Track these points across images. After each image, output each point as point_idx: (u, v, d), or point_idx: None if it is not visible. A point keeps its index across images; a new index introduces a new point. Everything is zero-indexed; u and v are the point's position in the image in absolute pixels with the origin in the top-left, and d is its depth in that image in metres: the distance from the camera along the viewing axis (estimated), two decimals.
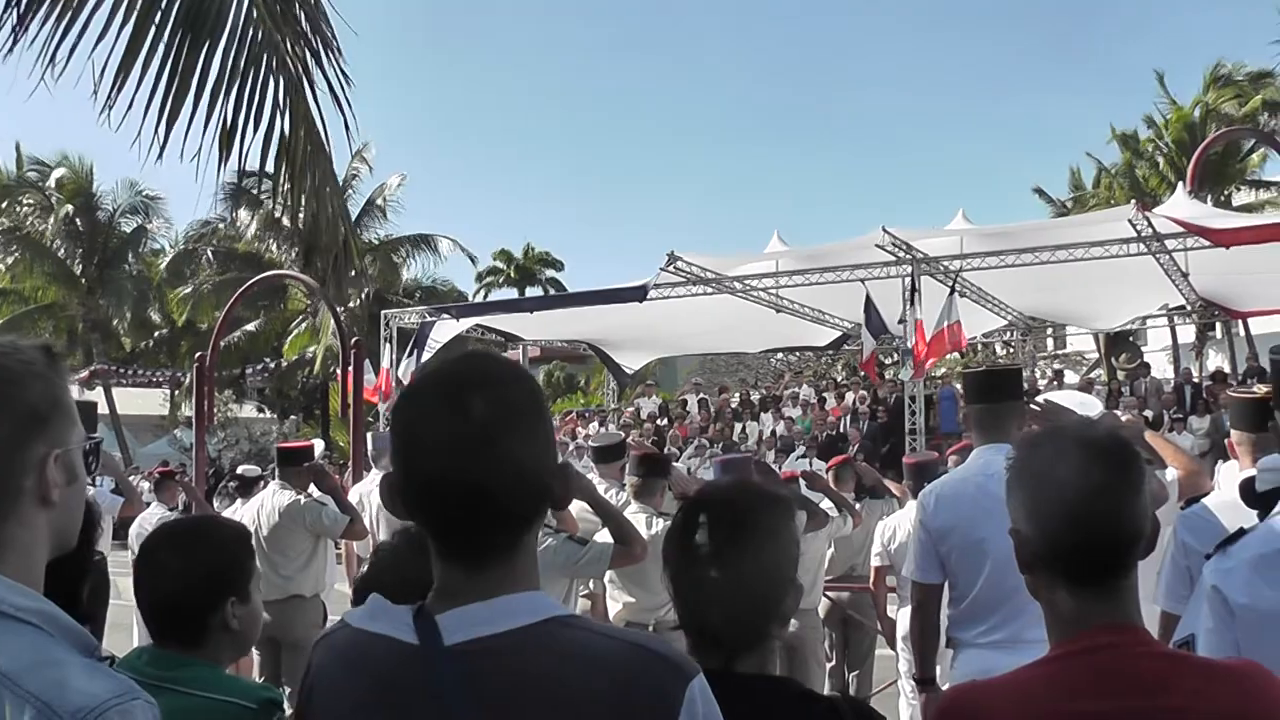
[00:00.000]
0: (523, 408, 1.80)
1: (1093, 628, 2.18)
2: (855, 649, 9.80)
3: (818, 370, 41.20)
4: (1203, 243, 19.33)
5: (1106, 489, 2.19)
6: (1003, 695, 2.24)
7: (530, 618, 1.72)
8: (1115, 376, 29.53)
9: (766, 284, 23.66)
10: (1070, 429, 2.34)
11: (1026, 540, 2.25)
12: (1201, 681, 2.16)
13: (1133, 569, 2.24)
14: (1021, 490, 2.27)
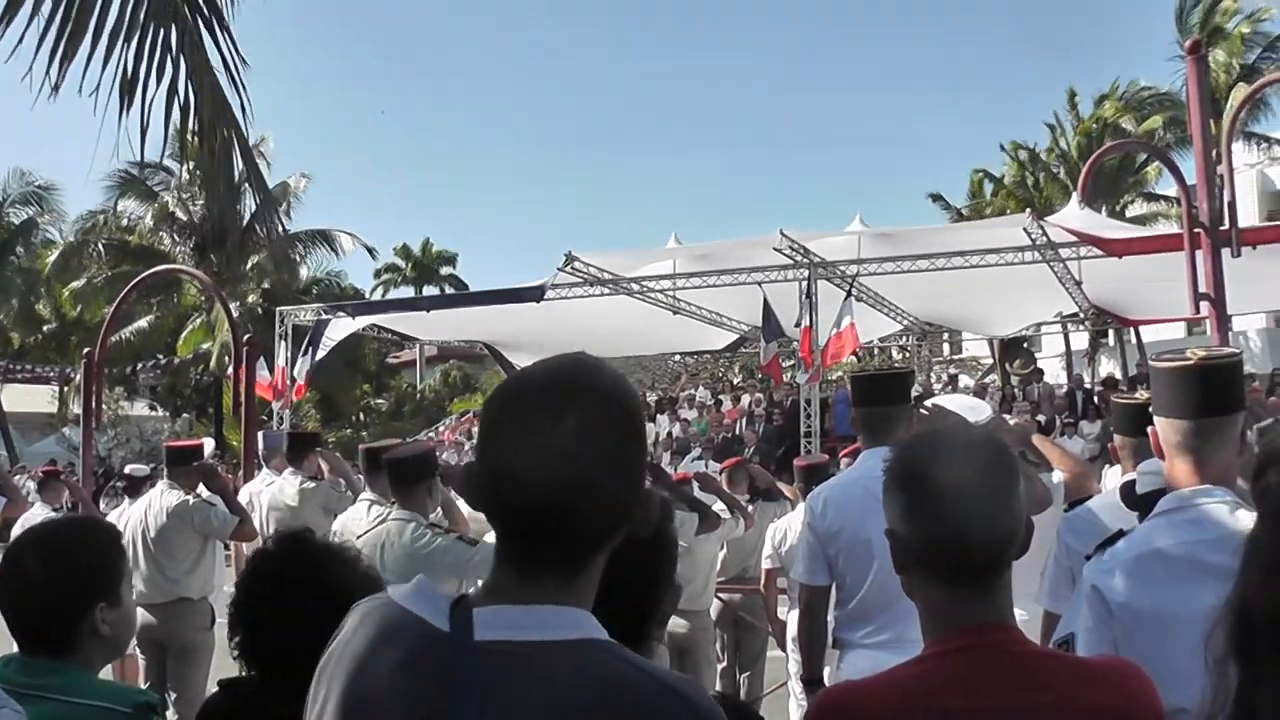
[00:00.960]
0: (620, 425, 1.72)
1: (967, 626, 2.20)
2: (746, 650, 9.82)
3: (715, 372, 41.34)
4: (1096, 252, 19.73)
5: (983, 490, 2.21)
6: (877, 693, 2.25)
7: (567, 634, 1.66)
8: (1009, 382, 29.95)
9: (664, 286, 23.69)
10: (947, 431, 2.36)
11: (903, 540, 2.27)
12: (1073, 679, 2.20)
13: (1007, 569, 2.27)
14: (899, 491, 2.28)
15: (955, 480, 2.20)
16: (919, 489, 2.23)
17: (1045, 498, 4.97)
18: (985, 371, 39.65)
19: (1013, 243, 20.31)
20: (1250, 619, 1.75)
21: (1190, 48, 7.28)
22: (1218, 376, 3.12)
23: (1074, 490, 5.34)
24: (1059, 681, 2.18)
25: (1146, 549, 3.01)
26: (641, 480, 1.78)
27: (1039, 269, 21.09)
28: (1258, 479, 1.86)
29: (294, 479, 9.93)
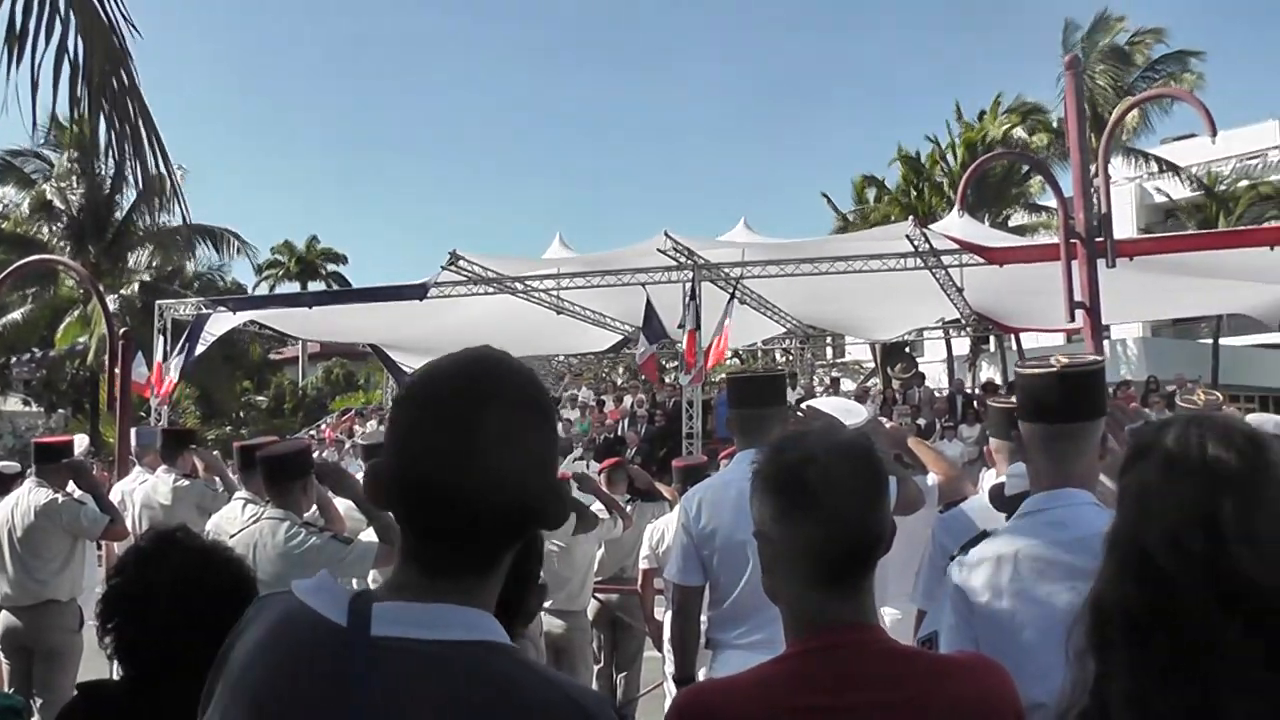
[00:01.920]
0: (535, 422, 1.71)
1: (830, 626, 2.21)
2: (623, 650, 9.84)
3: (599, 373, 41.35)
4: (977, 260, 20.04)
5: (854, 492, 2.23)
6: (740, 692, 2.26)
7: (468, 634, 1.64)
8: (890, 385, 30.28)
9: (548, 286, 23.64)
10: (815, 434, 2.37)
11: (773, 542, 2.27)
12: (931, 676, 2.23)
13: (873, 569, 2.28)
14: (770, 493, 2.29)
15: (827, 482, 2.21)
16: (791, 491, 2.23)
17: (919, 499, 5.03)
18: (867, 375, 40.09)
19: (896, 249, 20.55)
20: (1105, 613, 1.79)
21: (1068, 64, 7.43)
22: (1080, 383, 3.19)
23: (948, 492, 5.41)
24: (917, 679, 2.20)
25: (1008, 549, 3.07)
26: (555, 476, 1.78)
27: (921, 275, 21.39)
28: (1122, 475, 1.89)
29: (168, 477, 9.71)
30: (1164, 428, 1.89)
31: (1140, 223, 54.51)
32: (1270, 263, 19.51)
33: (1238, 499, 1.74)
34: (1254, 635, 1.66)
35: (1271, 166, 55.67)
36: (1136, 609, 1.73)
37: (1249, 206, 42.40)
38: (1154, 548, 1.74)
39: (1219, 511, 1.73)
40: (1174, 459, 1.81)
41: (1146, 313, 33.62)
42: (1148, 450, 1.86)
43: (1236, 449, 1.80)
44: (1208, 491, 1.75)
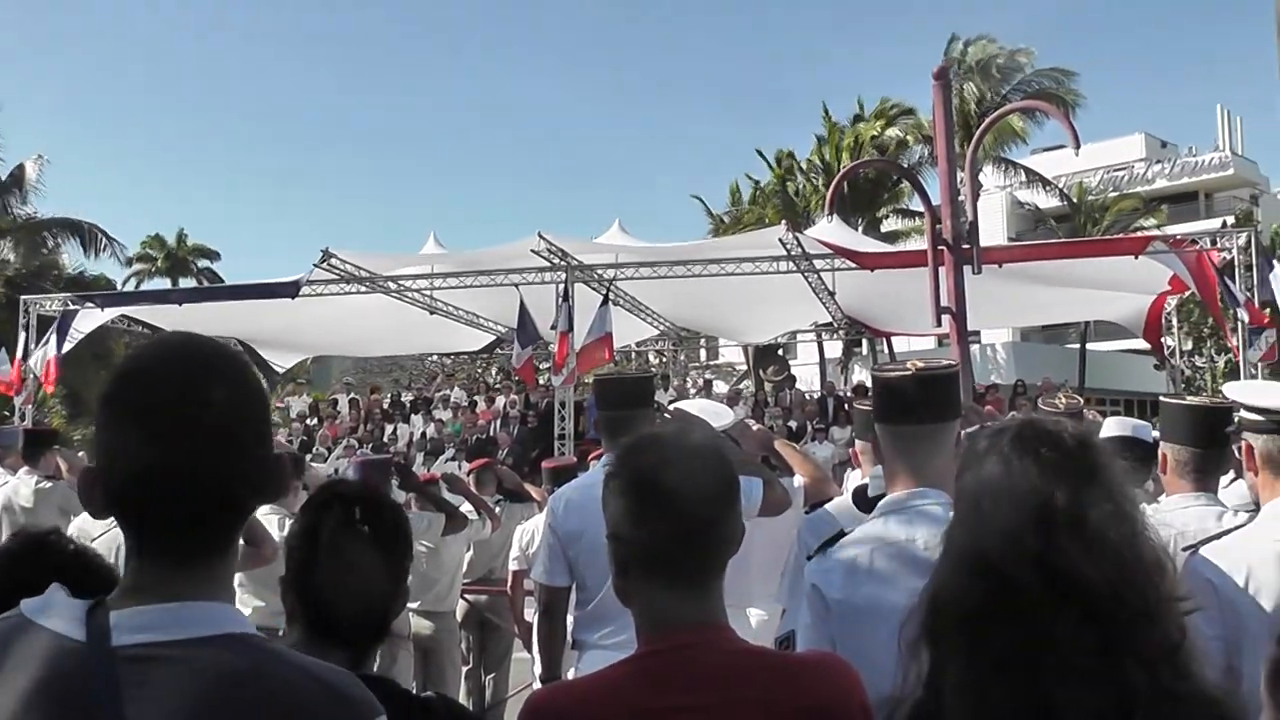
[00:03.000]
0: (249, 402, 1.70)
1: (680, 626, 2.24)
2: (492, 652, 9.81)
3: (472, 373, 41.17)
4: (849, 264, 20.27)
5: (709, 494, 2.26)
6: (590, 693, 2.30)
7: (209, 629, 1.60)
8: (763, 387, 30.47)
9: (421, 285, 23.46)
10: (669, 436, 2.39)
11: (627, 542, 2.28)
12: (779, 675, 2.26)
13: (723, 570, 2.31)
14: (626, 494, 2.30)
15: (683, 485, 2.23)
16: (647, 493, 2.25)
17: (785, 501, 5.07)
18: (740, 377, 40.33)
19: (769, 252, 20.70)
20: (941, 608, 1.82)
21: (936, 74, 7.50)
22: (934, 386, 3.25)
23: (813, 494, 5.45)
24: (765, 678, 2.23)
25: (864, 548, 3.12)
26: (271, 449, 1.76)
27: (794, 279, 21.56)
28: (959, 477, 1.94)
29: (29, 478, 9.51)
30: (999, 431, 1.94)
31: (1011, 231, 55.58)
32: (1135, 271, 19.99)
33: (1070, 498, 1.81)
34: (1085, 627, 1.72)
35: (1138, 178, 57.16)
36: (974, 604, 1.77)
37: (1117, 217, 43.40)
38: (991, 545, 1.79)
39: (1052, 510, 1.79)
40: (1010, 461, 1.86)
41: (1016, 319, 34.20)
42: (984, 452, 1.91)
43: (1068, 450, 1.88)
44: (1042, 491, 1.81)
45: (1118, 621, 1.73)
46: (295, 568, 2.68)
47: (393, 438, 26.31)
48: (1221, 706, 1.81)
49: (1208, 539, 3.51)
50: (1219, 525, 3.77)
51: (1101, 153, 58.39)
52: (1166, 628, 1.78)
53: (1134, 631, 1.74)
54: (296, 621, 2.66)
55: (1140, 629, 1.75)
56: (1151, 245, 20.03)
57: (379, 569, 2.64)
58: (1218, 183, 60.55)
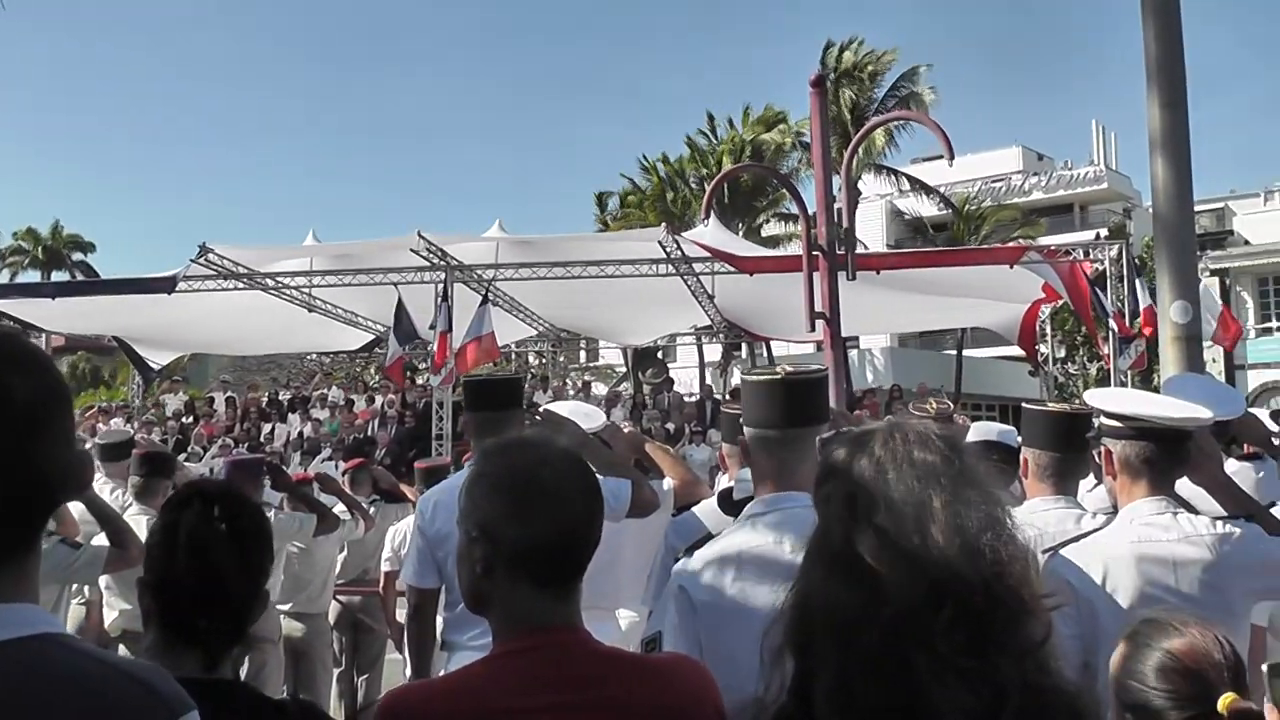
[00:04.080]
0: (51, 394, 1.64)
1: (539, 627, 2.25)
2: (364, 653, 9.72)
3: (351, 372, 40.82)
4: (728, 268, 20.39)
5: (580, 495, 2.30)
6: (446, 693, 2.30)
7: (15, 631, 1.55)
8: (641, 390, 30.55)
9: (299, 283, 23.21)
10: (538, 438, 2.39)
11: (498, 541, 2.27)
12: (634, 677, 2.29)
13: (584, 573, 2.33)
14: (497, 493, 2.29)
15: (558, 484, 2.27)
16: (523, 491, 2.26)
17: (653, 502, 5.08)
18: (619, 379, 40.42)
19: (649, 254, 20.75)
20: (810, 614, 1.82)
21: (813, 81, 7.55)
22: (802, 390, 3.27)
23: (684, 496, 5.47)
24: (620, 679, 2.26)
25: (730, 550, 3.14)
26: (73, 445, 1.71)
27: (674, 282, 21.66)
28: (819, 488, 1.94)
29: None
30: (865, 434, 1.94)
31: (890, 238, 56.30)
32: (1010, 280, 20.38)
33: (945, 498, 1.81)
34: (959, 625, 1.72)
35: (1015, 190, 58.21)
36: (847, 608, 1.76)
37: (995, 227, 44.14)
38: (867, 548, 1.78)
39: (929, 511, 1.79)
40: (882, 464, 1.86)
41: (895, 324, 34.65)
42: (852, 456, 1.91)
43: (938, 452, 1.88)
44: (918, 493, 1.81)
45: (992, 620, 1.74)
46: (153, 567, 2.64)
47: (269, 437, 25.98)
48: (1079, 701, 1.83)
49: (1067, 541, 3.61)
50: (1078, 527, 3.86)
51: (979, 164, 59.34)
52: (1034, 625, 1.80)
53: (1007, 629, 1.76)
54: (152, 622, 2.62)
55: (1012, 627, 1.76)
56: (1026, 255, 20.48)
57: (238, 569, 2.61)
58: (1092, 196, 61.77)
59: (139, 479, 7.76)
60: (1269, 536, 3.54)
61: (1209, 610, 3.23)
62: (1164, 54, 9.05)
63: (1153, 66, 9.11)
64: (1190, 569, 3.41)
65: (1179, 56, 9.06)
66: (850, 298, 8.28)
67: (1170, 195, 9.02)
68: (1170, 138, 9.02)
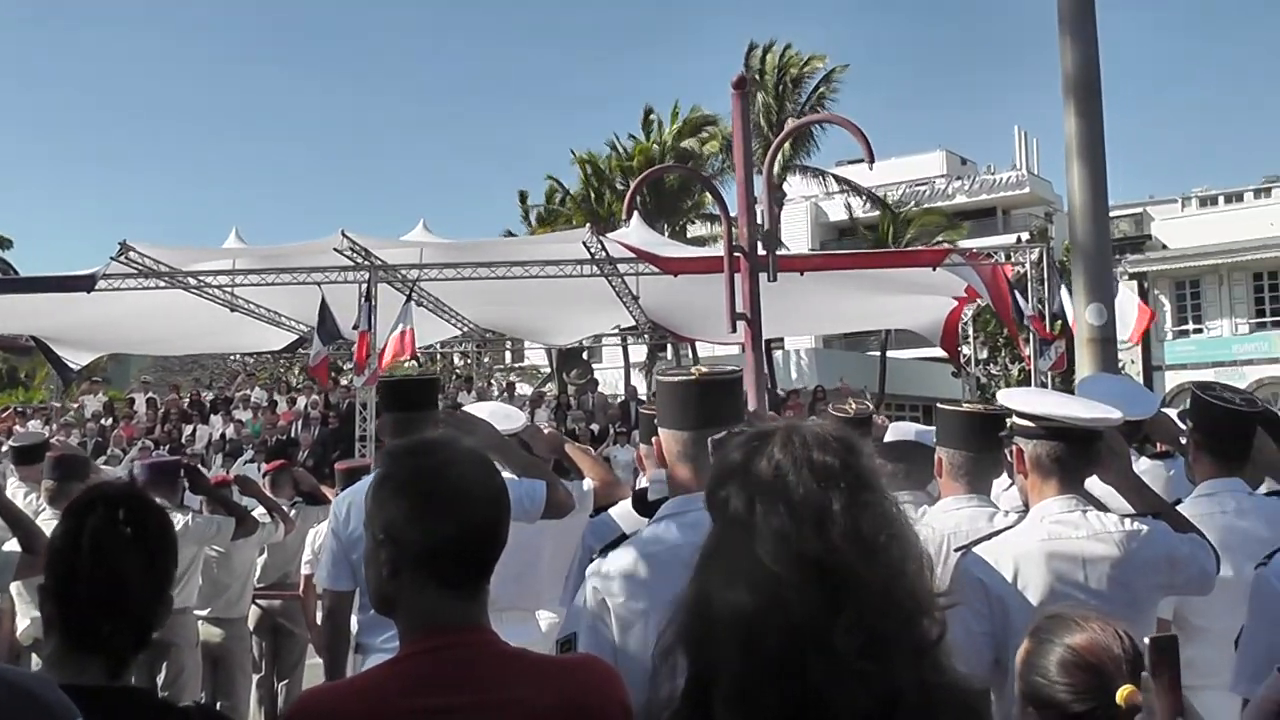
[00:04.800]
0: None
1: (445, 627, 2.26)
2: (285, 658, 9.64)
3: (274, 373, 40.53)
4: (653, 269, 20.42)
5: (487, 496, 2.31)
6: (355, 694, 2.30)
7: None
8: (566, 391, 30.55)
9: (222, 282, 22.96)
10: (442, 439, 2.39)
11: (403, 544, 2.27)
12: (540, 677, 2.30)
13: (491, 573, 2.34)
14: (404, 494, 2.29)
15: (466, 484, 2.28)
16: (430, 492, 2.27)
17: (568, 503, 5.08)
18: (544, 380, 40.42)
19: (574, 255, 20.76)
20: (709, 618, 1.81)
21: (736, 83, 7.57)
22: (717, 391, 3.28)
23: (604, 497, 5.47)
24: (526, 680, 2.26)
25: (644, 551, 3.15)
26: None
27: (599, 282, 21.69)
28: (716, 490, 1.93)
29: None
30: (761, 436, 1.94)
31: (815, 239, 56.64)
32: (932, 282, 20.55)
33: (844, 501, 1.81)
34: (857, 628, 1.72)
35: (939, 194, 58.76)
36: (748, 612, 1.76)
37: (919, 230, 44.51)
38: (767, 551, 1.77)
39: (829, 514, 1.79)
40: (782, 466, 1.86)
41: (820, 326, 34.84)
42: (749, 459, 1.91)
43: (836, 453, 1.88)
44: (817, 495, 1.81)
45: (889, 621, 1.75)
46: (54, 573, 2.60)
47: (191, 439, 25.73)
48: (971, 699, 1.86)
49: (979, 539, 3.65)
50: (990, 526, 3.91)
51: (903, 168, 59.82)
52: (929, 625, 1.82)
53: (903, 630, 1.77)
54: (54, 629, 2.58)
55: (908, 627, 1.78)
56: (949, 257, 20.64)
57: (142, 574, 2.58)
58: (1014, 200, 62.42)
59: (52, 483, 7.66)
60: (1175, 533, 3.61)
61: (1117, 605, 3.31)
62: (1080, 64, 9.17)
63: (1069, 76, 9.23)
64: (1099, 565, 3.48)
65: (1095, 66, 9.18)
66: (775, 299, 8.30)
67: (1085, 201, 9.14)
68: (1085, 145, 9.13)
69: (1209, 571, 3.65)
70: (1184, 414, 4.83)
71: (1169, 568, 3.57)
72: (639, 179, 14.51)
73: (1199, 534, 3.69)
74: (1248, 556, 3.79)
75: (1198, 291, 42.42)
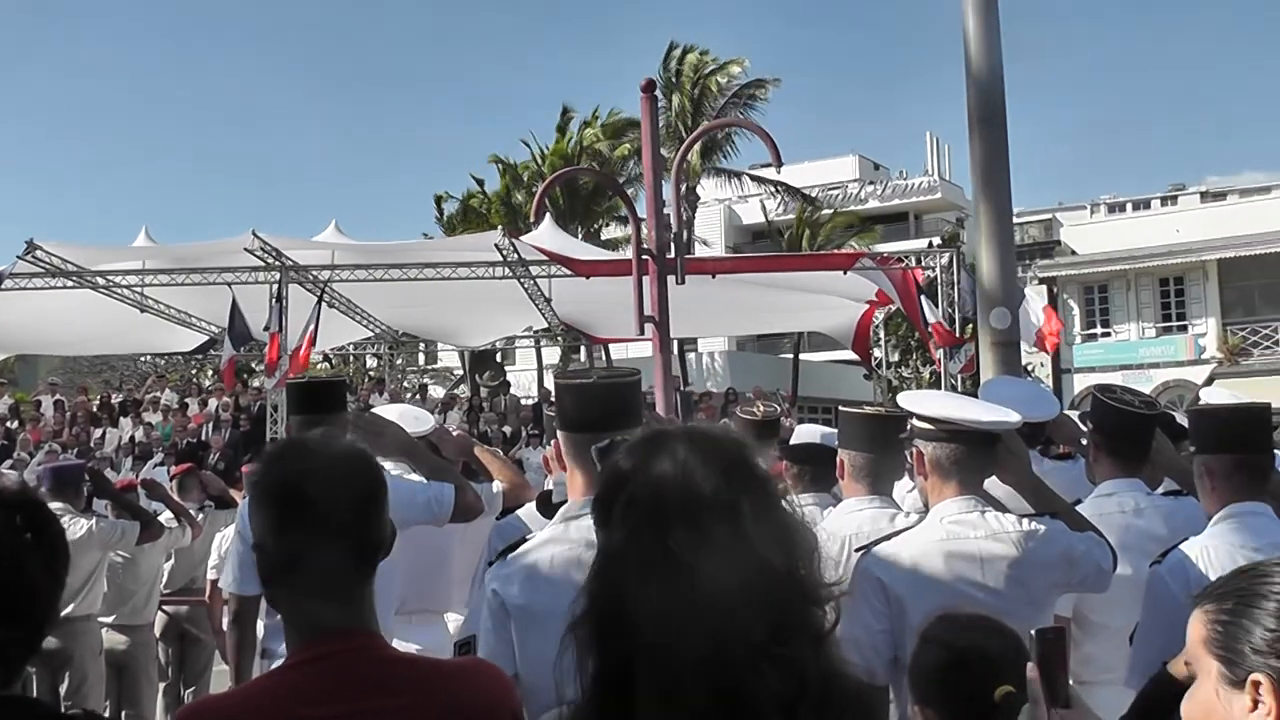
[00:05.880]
0: None
1: (330, 633, 2.23)
2: (192, 665, 9.53)
3: (185, 374, 40.06)
4: (565, 271, 20.43)
5: (354, 503, 2.27)
6: (240, 705, 2.27)
7: None
8: (478, 393, 30.47)
9: (132, 281, 22.69)
10: (312, 443, 2.36)
11: (271, 554, 2.26)
12: (428, 680, 2.29)
13: (373, 576, 2.31)
14: (269, 506, 2.28)
15: (328, 494, 2.23)
16: (290, 503, 2.23)
17: (476, 506, 5.07)
18: (456, 382, 40.29)
19: (487, 257, 20.72)
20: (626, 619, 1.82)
21: (644, 86, 7.59)
22: (615, 393, 3.30)
23: (512, 499, 5.47)
24: (414, 684, 2.25)
25: (543, 553, 3.18)
26: None
27: (512, 284, 21.68)
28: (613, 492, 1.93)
29: None
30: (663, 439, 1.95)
31: (729, 242, 56.83)
32: (845, 286, 20.72)
33: (752, 496, 1.84)
34: (768, 615, 1.76)
35: (852, 198, 59.20)
36: (669, 609, 1.77)
37: (832, 234, 44.82)
38: (683, 548, 1.79)
39: (739, 506, 1.81)
40: (690, 465, 1.86)
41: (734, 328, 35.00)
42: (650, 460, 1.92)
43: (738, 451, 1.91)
44: (728, 489, 1.83)
45: (793, 606, 1.79)
46: None
47: (100, 442, 25.38)
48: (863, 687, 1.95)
49: (879, 539, 3.70)
50: (892, 526, 3.97)
51: (817, 172, 60.14)
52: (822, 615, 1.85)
53: (804, 618, 1.81)
54: None
55: (807, 616, 1.82)
56: (860, 261, 20.84)
57: (41, 580, 2.53)
58: (926, 205, 62.93)
59: None
60: (1072, 532, 3.67)
61: (1014, 603, 3.38)
62: (984, 74, 9.32)
63: (974, 86, 9.38)
64: (997, 565, 3.53)
65: (999, 76, 9.34)
66: (687, 301, 8.35)
67: (990, 207, 9.28)
68: (990, 153, 9.28)
69: (1105, 569, 3.72)
70: (1085, 416, 4.90)
71: (1066, 566, 3.63)
72: (546, 182, 14.56)
73: (1096, 532, 3.75)
74: (1145, 555, 3.90)
75: (1106, 296, 42.99)
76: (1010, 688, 2.44)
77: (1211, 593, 2.00)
